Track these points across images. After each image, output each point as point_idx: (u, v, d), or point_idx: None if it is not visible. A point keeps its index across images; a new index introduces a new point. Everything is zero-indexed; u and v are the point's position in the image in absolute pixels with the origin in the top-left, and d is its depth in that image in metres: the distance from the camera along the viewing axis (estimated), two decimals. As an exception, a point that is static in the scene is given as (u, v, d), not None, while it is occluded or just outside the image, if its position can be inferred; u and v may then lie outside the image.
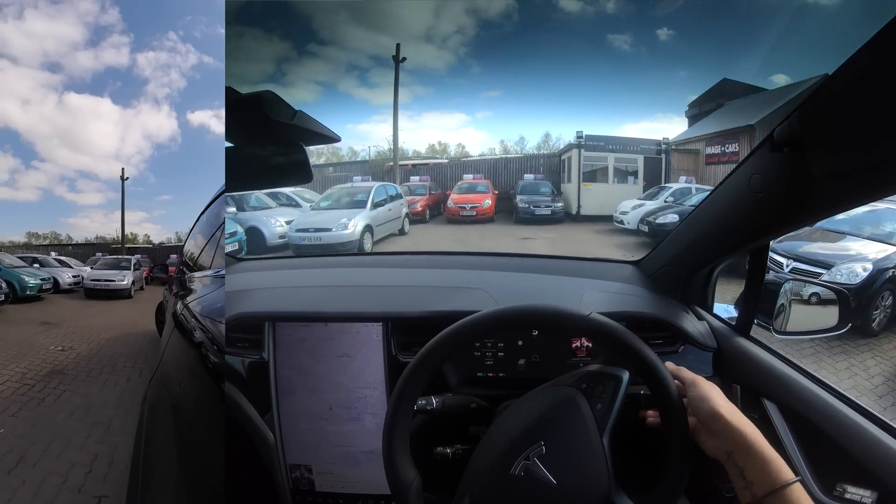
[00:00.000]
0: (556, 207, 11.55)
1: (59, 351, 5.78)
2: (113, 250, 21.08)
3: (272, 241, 9.08)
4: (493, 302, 1.17)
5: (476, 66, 17.49)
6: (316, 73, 17.21)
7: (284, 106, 0.66)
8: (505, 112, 19.39)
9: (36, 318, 8.33)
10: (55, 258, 15.50)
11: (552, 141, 16.70)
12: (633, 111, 17.57)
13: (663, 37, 14.87)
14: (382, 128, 18.79)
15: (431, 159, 16.22)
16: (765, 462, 0.66)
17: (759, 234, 0.92)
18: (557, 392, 0.79)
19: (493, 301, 1.18)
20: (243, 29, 14.70)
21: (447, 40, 17.21)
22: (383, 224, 9.87)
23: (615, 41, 15.83)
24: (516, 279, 1.41)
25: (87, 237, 30.88)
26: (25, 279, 10.79)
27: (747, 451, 0.67)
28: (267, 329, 1.20)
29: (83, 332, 7.20)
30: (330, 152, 17.75)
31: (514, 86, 16.82)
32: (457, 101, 19.87)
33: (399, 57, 13.67)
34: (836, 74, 0.58)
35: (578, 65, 15.36)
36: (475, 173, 13.57)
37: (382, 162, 15.51)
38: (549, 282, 1.37)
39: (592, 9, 15.18)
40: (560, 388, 0.80)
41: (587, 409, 0.76)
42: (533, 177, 13.09)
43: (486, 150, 17.54)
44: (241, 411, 1.18)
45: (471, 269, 1.47)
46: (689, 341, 1.11)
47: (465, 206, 11.74)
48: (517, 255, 1.64)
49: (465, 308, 1.02)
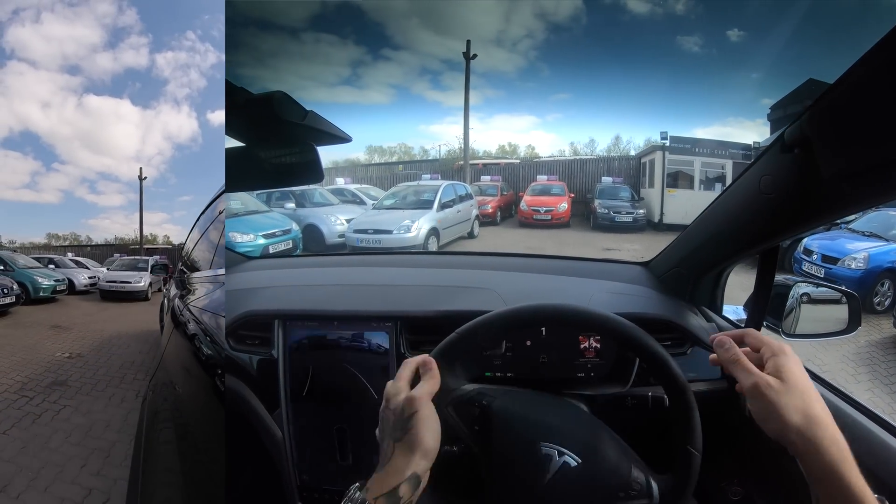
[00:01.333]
0: (637, 214, 10.99)
1: (66, 358, 5.42)
2: (132, 251, 21.13)
3: (331, 240, 8.79)
4: (503, 302, 1.19)
5: (546, 69, 18.05)
6: (389, 76, 18.49)
7: (296, 106, 0.65)
8: (574, 115, 19.54)
9: (47, 321, 8.05)
10: (71, 259, 15.43)
11: (622, 143, 16.78)
12: (704, 114, 17.41)
13: (734, 38, 14.35)
14: (453, 129, 19.65)
15: (503, 159, 16.35)
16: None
17: (769, 235, 0.91)
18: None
19: (503, 301, 1.20)
20: (319, 35, 15.36)
21: (517, 44, 17.97)
22: (451, 227, 9.37)
23: (684, 42, 15.67)
24: (525, 279, 1.43)
25: (107, 238, 31.22)
26: (39, 280, 10.60)
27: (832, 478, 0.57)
28: (276, 327, 1.22)
29: (94, 336, 6.87)
30: (402, 151, 18.84)
31: (584, 88, 17.60)
32: (527, 103, 20.42)
33: (469, 53, 13.72)
34: (848, 74, 0.57)
35: (648, 67, 15.49)
36: (549, 174, 13.21)
37: (452, 161, 15.73)
38: (558, 282, 1.39)
39: (661, 10, 15.05)
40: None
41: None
42: (612, 180, 12.59)
43: (555, 151, 17.68)
44: (251, 408, 1.19)
45: (480, 269, 1.50)
46: (698, 343, 1.12)
47: (540, 210, 11.34)
48: (526, 256, 1.71)
49: (475, 308, 1.05)
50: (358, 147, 17.24)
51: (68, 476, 2.64)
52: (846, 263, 5.73)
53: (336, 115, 8.44)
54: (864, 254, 5.67)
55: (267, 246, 7.55)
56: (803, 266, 6.20)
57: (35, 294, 10.28)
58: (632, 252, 8.97)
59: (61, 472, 2.68)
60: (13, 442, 3.08)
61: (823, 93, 0.62)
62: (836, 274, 5.68)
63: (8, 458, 2.83)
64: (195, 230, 2.72)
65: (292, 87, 16.90)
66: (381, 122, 20.74)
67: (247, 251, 5.80)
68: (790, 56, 13.90)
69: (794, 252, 6.40)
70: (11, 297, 8.75)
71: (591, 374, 1.12)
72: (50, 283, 10.90)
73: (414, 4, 17.79)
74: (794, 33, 13.03)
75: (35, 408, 3.75)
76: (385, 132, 23.46)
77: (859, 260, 5.65)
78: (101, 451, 2.97)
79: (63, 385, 4.38)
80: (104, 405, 3.88)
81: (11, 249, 17.17)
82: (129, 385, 4.45)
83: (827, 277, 5.60)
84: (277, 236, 7.87)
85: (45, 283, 10.72)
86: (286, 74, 17.00)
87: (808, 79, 12.87)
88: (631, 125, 20.00)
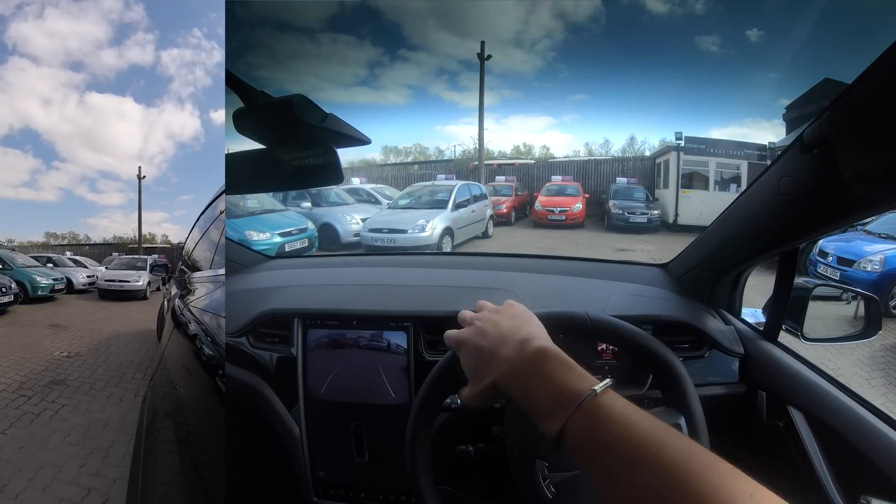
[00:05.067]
0: (652, 215, 10.94)
1: (65, 357, 5.41)
2: (130, 250, 21.07)
3: (346, 239, 8.83)
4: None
5: (563, 69, 17.72)
6: (407, 76, 18.21)
7: (315, 109, 0.65)
8: (590, 115, 19.26)
9: (45, 320, 8.03)
10: (70, 258, 15.35)
11: (637, 144, 16.59)
12: (722, 115, 17.26)
13: (753, 38, 14.26)
14: (469, 129, 19.55)
15: (517, 159, 16.30)
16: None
17: (788, 237, 0.90)
18: None
19: (521, 303, 1.06)
20: (336, 35, 15.35)
21: (536, 45, 17.61)
22: (465, 226, 9.38)
23: (703, 43, 15.45)
24: (543, 280, 1.42)
25: (106, 237, 31.13)
26: (37, 279, 10.55)
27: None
28: (296, 326, 1.23)
29: (92, 335, 6.85)
30: (417, 151, 18.74)
31: (601, 89, 17.15)
32: (543, 104, 19.84)
33: (484, 55, 13.70)
34: (867, 72, 0.56)
35: (665, 67, 15.35)
36: (564, 175, 13.19)
37: (467, 161, 15.70)
38: (575, 283, 1.37)
39: (681, 10, 14.90)
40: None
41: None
42: (626, 181, 12.58)
43: (570, 152, 17.53)
44: (269, 405, 1.21)
45: (496, 269, 1.50)
46: (716, 346, 1.11)
47: (554, 210, 11.34)
48: (543, 257, 1.70)
49: None
50: (374, 147, 17.22)
51: (67, 476, 2.64)
52: (862, 266, 5.66)
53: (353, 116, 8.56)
54: (880, 256, 5.60)
55: (283, 244, 7.59)
56: (818, 268, 6.14)
57: (33, 293, 10.23)
58: (646, 253, 8.94)
59: (60, 472, 2.67)
60: (11, 441, 3.07)
61: (843, 92, 0.61)
62: (851, 276, 5.63)
63: (6, 458, 2.82)
64: (195, 230, 2.71)
65: (310, 89, 16.92)
66: (397, 122, 20.66)
67: (263, 249, 5.81)
68: (808, 55, 13.77)
69: (809, 254, 6.31)
70: (10, 295, 8.71)
71: (608, 376, 1.11)
72: (48, 282, 10.85)
73: (431, 5, 17.70)
74: (812, 32, 12.95)
75: (33, 407, 3.74)
76: (401, 133, 23.41)
77: (875, 262, 5.58)
78: (99, 451, 2.96)
79: (61, 384, 4.37)
80: (103, 404, 3.88)
81: (10, 248, 17.15)
82: (128, 384, 4.44)
83: (842, 280, 5.55)
84: (293, 235, 7.92)
85: (44, 282, 10.67)
86: (304, 75, 17.08)
87: (824, 78, 12.63)
88: (646, 125, 19.71)
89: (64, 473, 2.66)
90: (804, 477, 0.89)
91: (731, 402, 1.07)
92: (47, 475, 2.63)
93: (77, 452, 2.94)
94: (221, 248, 1.81)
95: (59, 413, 3.63)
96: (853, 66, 0.58)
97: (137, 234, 24.15)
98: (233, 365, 1.25)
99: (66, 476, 2.64)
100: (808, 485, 0.88)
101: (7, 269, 10.30)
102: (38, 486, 2.52)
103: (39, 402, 3.87)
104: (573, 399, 0.48)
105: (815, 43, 12.86)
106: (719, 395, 1.07)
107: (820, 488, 0.85)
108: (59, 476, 2.63)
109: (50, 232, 31.84)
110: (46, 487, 2.51)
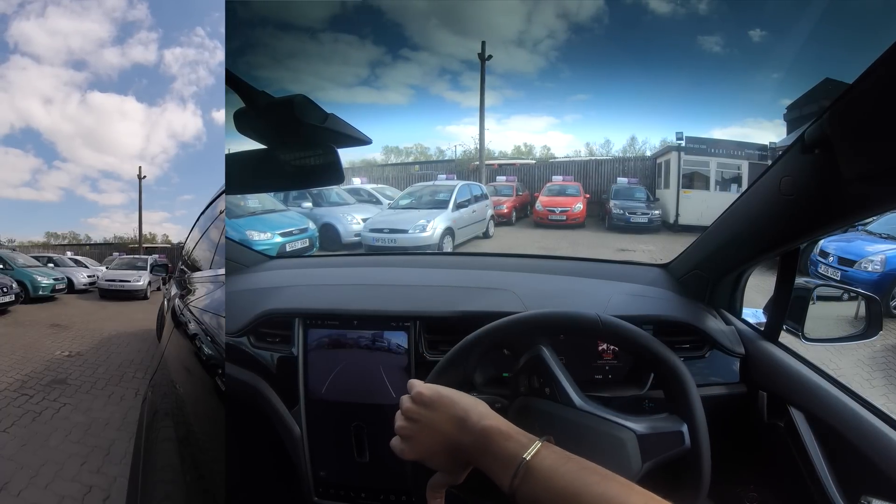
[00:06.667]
0: (653, 215, 10.91)
1: (66, 357, 5.42)
2: (131, 250, 21.09)
3: (347, 239, 8.83)
4: (521, 303, 1.20)
5: (566, 69, 17.50)
6: (408, 76, 17.87)
7: (316, 109, 0.65)
8: (592, 115, 18.94)
9: (46, 320, 8.03)
10: (70, 258, 15.37)
11: (638, 144, 16.54)
12: (723, 115, 17.20)
13: (756, 38, 14.20)
14: (471, 129, 19.45)
15: (518, 160, 16.23)
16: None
17: (789, 238, 0.90)
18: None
19: (521, 302, 1.20)
20: (337, 35, 15.33)
21: (538, 44, 17.40)
22: (466, 226, 9.37)
23: (705, 43, 15.33)
24: (544, 281, 1.42)
25: (106, 237, 31.14)
26: (38, 279, 10.55)
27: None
28: (297, 325, 1.23)
29: (93, 335, 6.86)
30: (418, 151, 18.54)
31: (602, 89, 16.86)
32: (545, 104, 19.60)
33: (485, 55, 13.65)
34: (868, 72, 0.56)
35: (667, 67, 15.19)
36: (565, 175, 13.17)
37: (468, 161, 15.64)
38: (577, 284, 1.37)
39: (683, 10, 14.80)
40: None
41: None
42: (627, 181, 12.54)
43: (571, 152, 17.42)
44: (270, 405, 1.20)
45: (498, 269, 1.50)
46: (716, 346, 1.11)
47: (555, 210, 11.32)
48: (544, 257, 1.71)
49: (493, 309, 1.11)
50: (374, 147, 17.09)
51: (68, 473, 2.65)
52: (863, 266, 5.66)
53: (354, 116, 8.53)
54: (881, 256, 5.59)
55: (284, 244, 7.60)
56: (819, 268, 6.13)
57: (34, 293, 10.24)
58: (647, 253, 8.92)
59: (61, 470, 2.68)
60: (13, 440, 3.08)
61: (844, 92, 0.61)
62: (852, 276, 5.62)
63: (8, 456, 2.83)
64: (196, 230, 2.71)
65: (311, 88, 16.91)
66: (398, 122, 20.51)
67: (264, 249, 5.83)
68: (809, 55, 13.74)
69: (810, 254, 6.29)
70: (11, 295, 8.72)
71: (608, 377, 1.12)
72: (49, 281, 10.85)
73: (434, 5, 17.60)
74: (814, 32, 12.91)
75: (35, 406, 3.75)
76: (402, 132, 23.18)
77: (876, 262, 5.58)
78: (100, 449, 2.97)
79: (63, 383, 4.38)
80: (104, 403, 3.89)
81: (11, 248, 17.17)
82: (129, 383, 4.45)
83: (843, 280, 5.55)
84: (294, 234, 7.92)
85: (45, 282, 10.68)
86: (305, 75, 17.01)
87: (825, 78, 12.51)
88: (647, 125, 19.63)
89: (65, 471, 2.67)
90: (805, 477, 0.89)
91: (731, 402, 1.07)
92: (49, 473, 2.64)
93: (78, 450, 2.95)
94: (221, 248, 1.81)
95: (61, 412, 3.64)
96: (854, 67, 0.58)
97: (138, 234, 24.21)
98: (233, 364, 1.25)
99: (68, 473, 2.65)
100: (808, 485, 0.88)
101: (8, 269, 10.30)
102: (39, 484, 2.53)
103: (41, 400, 3.88)
104: (511, 468, 0.55)
105: (816, 43, 12.79)
106: (720, 396, 1.08)
107: (820, 488, 0.86)
108: (60, 473, 2.64)
109: (51, 232, 31.82)
110: (48, 485, 2.52)
